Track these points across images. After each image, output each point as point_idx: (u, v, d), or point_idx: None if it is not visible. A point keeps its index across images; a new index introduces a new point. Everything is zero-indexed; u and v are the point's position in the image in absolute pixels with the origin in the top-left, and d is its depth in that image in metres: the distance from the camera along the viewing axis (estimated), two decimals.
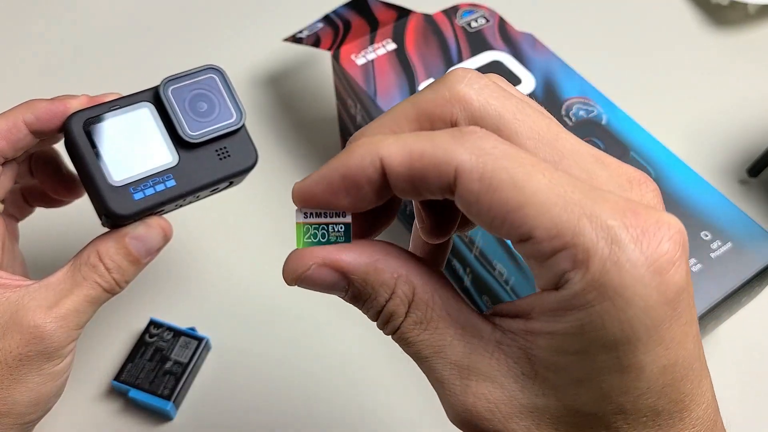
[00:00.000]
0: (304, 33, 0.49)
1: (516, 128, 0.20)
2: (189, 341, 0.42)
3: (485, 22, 0.47)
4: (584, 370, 0.19)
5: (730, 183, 0.51)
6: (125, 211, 0.30)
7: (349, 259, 0.21)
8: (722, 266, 0.36)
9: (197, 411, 0.40)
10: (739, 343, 0.43)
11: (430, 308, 0.21)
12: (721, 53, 0.60)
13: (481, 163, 0.19)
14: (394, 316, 0.21)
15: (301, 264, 0.21)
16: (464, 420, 0.21)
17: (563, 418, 0.20)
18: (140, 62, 0.59)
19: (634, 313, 0.18)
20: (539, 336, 0.20)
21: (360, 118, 0.46)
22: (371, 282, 0.21)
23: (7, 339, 0.29)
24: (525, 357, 0.20)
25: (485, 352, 0.20)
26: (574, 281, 0.18)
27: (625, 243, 0.18)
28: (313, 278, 0.21)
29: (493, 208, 0.19)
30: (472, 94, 0.21)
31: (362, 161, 0.20)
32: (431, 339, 0.21)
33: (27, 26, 0.62)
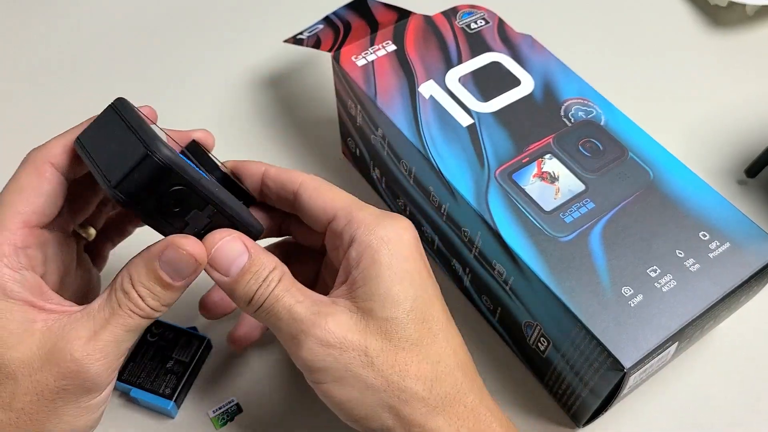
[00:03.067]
0: (304, 34, 0.49)
1: None
2: (190, 341, 0.42)
3: (485, 24, 0.48)
4: (382, 287, 0.30)
5: (729, 183, 0.51)
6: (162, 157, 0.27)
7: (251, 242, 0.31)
8: (720, 266, 0.36)
9: (198, 410, 0.41)
10: (737, 343, 0.43)
11: (292, 283, 0.31)
12: (719, 54, 0.60)
13: (314, 180, 0.34)
14: (272, 281, 0.30)
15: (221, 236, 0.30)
16: (320, 339, 0.29)
17: (378, 328, 0.30)
18: (140, 63, 0.59)
19: (394, 247, 0.31)
20: (355, 281, 0.31)
21: (360, 119, 0.46)
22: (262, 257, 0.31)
23: (44, 372, 0.28)
24: (350, 302, 0.31)
25: (326, 304, 0.31)
26: (360, 233, 0.31)
27: (382, 218, 0.32)
28: (227, 245, 0.30)
29: (318, 201, 0.33)
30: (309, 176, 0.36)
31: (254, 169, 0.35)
32: (295, 297, 0.30)
33: (27, 26, 0.62)
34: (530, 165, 0.40)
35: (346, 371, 0.30)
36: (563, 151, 0.41)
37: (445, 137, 0.41)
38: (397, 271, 0.30)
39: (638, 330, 0.34)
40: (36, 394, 0.28)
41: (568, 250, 0.37)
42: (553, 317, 0.36)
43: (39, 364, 0.28)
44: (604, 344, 0.34)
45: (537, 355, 0.40)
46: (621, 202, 0.38)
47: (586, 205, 0.38)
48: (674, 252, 0.37)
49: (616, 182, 0.39)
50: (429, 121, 0.42)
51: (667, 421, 0.41)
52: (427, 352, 0.30)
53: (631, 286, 0.35)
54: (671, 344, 0.35)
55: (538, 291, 0.36)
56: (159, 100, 0.57)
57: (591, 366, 0.35)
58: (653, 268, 0.36)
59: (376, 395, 0.30)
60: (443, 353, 0.31)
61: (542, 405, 0.41)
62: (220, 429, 0.40)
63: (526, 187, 0.39)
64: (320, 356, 0.30)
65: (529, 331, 0.39)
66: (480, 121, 0.42)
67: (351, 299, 0.31)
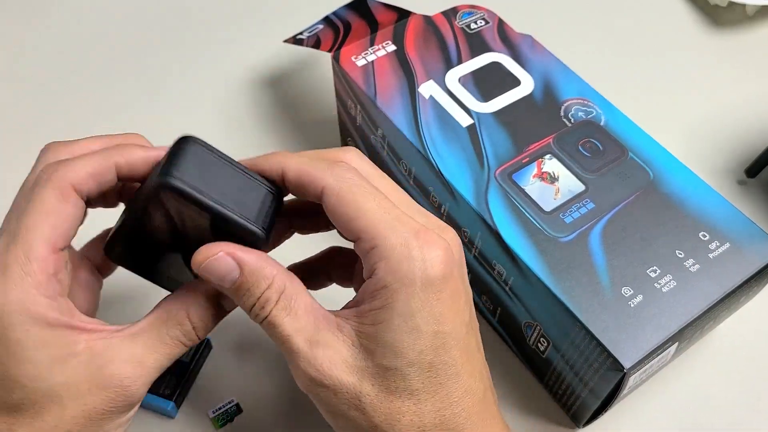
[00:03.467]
0: (304, 34, 0.49)
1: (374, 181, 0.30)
2: None
3: (484, 24, 0.48)
4: (387, 332, 0.28)
5: (729, 184, 0.51)
6: None
7: (245, 255, 0.29)
8: (720, 266, 0.36)
9: (198, 411, 0.41)
10: (737, 343, 0.43)
11: (294, 300, 0.29)
12: (719, 54, 0.60)
13: (336, 186, 0.29)
14: (268, 302, 0.29)
15: (211, 251, 0.28)
16: (312, 378, 0.28)
17: (376, 374, 0.28)
18: (140, 63, 0.59)
19: (412, 291, 0.28)
20: (365, 315, 0.28)
21: (360, 119, 0.46)
22: (257, 274, 0.29)
23: (93, 395, 0.28)
24: (354, 333, 0.29)
25: (329, 331, 0.29)
26: (380, 268, 0.28)
27: (413, 247, 0.28)
28: (217, 262, 0.28)
29: (341, 216, 0.29)
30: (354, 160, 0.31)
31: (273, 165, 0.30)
32: (293, 321, 0.29)
33: (27, 26, 0.62)
34: (530, 165, 0.40)
35: (337, 409, 0.29)
36: (563, 151, 0.41)
37: (445, 137, 0.41)
38: (409, 321, 0.28)
39: (638, 330, 0.34)
40: (84, 417, 0.29)
41: (568, 251, 0.37)
42: (552, 317, 0.36)
43: (87, 386, 0.28)
44: (603, 344, 0.34)
45: (537, 356, 0.40)
46: (621, 203, 0.38)
47: (586, 205, 0.38)
48: (674, 252, 0.37)
49: (616, 182, 0.39)
50: (429, 121, 0.42)
51: (667, 421, 0.41)
52: (427, 402, 0.28)
53: (631, 286, 0.35)
54: (671, 344, 0.35)
55: (538, 291, 0.36)
56: (159, 100, 0.57)
57: (591, 366, 0.35)
58: (653, 269, 0.36)
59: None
60: (447, 402, 0.29)
61: (542, 405, 0.41)
62: (219, 429, 0.40)
63: (525, 188, 0.39)
64: (314, 392, 0.29)
65: (528, 332, 0.39)
66: (480, 122, 0.42)
67: (357, 330, 0.29)
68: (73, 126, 0.55)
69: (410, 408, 0.28)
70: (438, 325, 0.28)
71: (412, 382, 0.28)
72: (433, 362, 0.28)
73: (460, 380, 0.29)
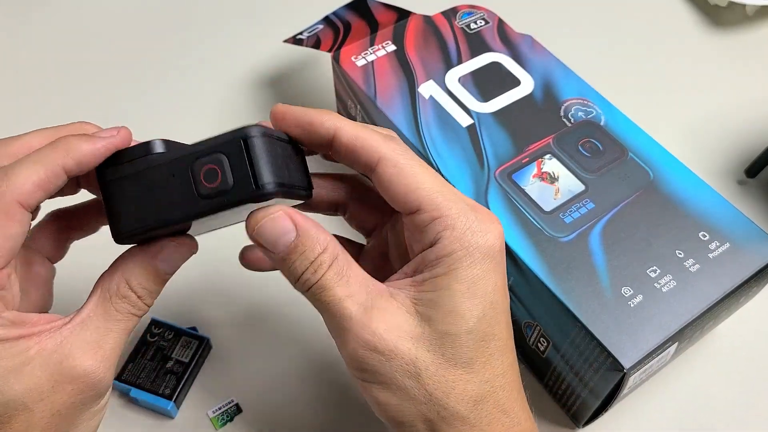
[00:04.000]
0: (304, 34, 0.49)
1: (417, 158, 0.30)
2: (190, 341, 0.42)
3: (484, 24, 0.48)
4: (449, 298, 0.28)
5: (728, 184, 0.51)
6: None
7: (301, 218, 0.29)
8: (720, 266, 0.36)
9: (198, 410, 0.41)
10: (737, 343, 0.43)
11: (346, 267, 0.29)
12: (719, 54, 0.60)
13: (395, 157, 0.29)
14: (321, 266, 0.29)
15: (270, 211, 0.28)
16: (367, 342, 0.28)
17: (433, 340, 0.28)
18: (140, 63, 0.59)
19: (476, 259, 0.28)
20: (424, 283, 0.29)
21: (360, 119, 0.46)
22: (312, 237, 0.29)
23: (58, 392, 0.28)
24: (409, 300, 0.29)
25: (382, 298, 0.29)
26: (445, 237, 0.28)
27: (473, 219, 0.29)
28: (275, 222, 0.28)
29: (400, 186, 0.29)
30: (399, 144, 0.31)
31: (326, 122, 0.30)
32: (345, 287, 0.29)
33: (27, 25, 0.62)
34: (530, 165, 0.40)
35: (391, 378, 0.28)
36: (563, 151, 0.41)
37: (445, 137, 0.41)
38: (471, 287, 0.28)
39: (638, 330, 0.34)
40: (53, 415, 0.28)
41: (568, 251, 0.37)
42: (552, 317, 0.36)
43: (49, 386, 0.28)
44: (603, 345, 0.34)
45: (537, 356, 0.40)
46: (621, 203, 0.38)
47: (586, 205, 0.38)
48: (674, 252, 0.37)
49: (616, 182, 0.39)
50: (429, 122, 0.42)
51: (667, 421, 0.41)
52: (478, 372, 0.29)
53: (630, 286, 0.35)
54: (671, 344, 0.35)
55: (538, 291, 0.36)
56: (159, 100, 0.57)
57: (591, 366, 0.35)
58: (653, 269, 0.36)
59: (417, 407, 0.28)
60: (494, 373, 0.29)
61: (542, 405, 0.41)
62: (219, 429, 0.40)
63: (525, 188, 0.39)
64: (366, 359, 0.28)
65: (528, 332, 0.39)
66: (480, 122, 0.42)
67: (413, 298, 0.29)
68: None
69: (463, 377, 0.28)
70: (495, 294, 0.29)
71: (467, 350, 0.28)
72: (487, 333, 0.29)
73: (506, 353, 0.30)
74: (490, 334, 0.29)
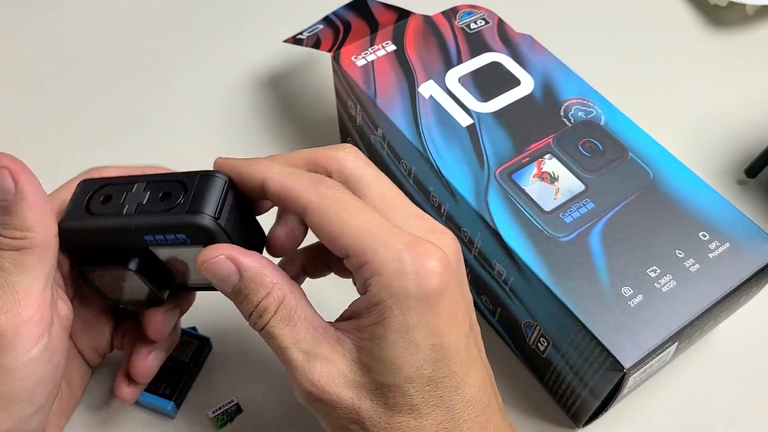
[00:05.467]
0: (304, 34, 0.49)
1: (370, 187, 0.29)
2: (190, 341, 0.42)
3: (484, 24, 0.48)
4: (383, 349, 0.27)
5: (728, 183, 0.51)
6: None
7: (246, 260, 0.28)
8: (720, 266, 0.36)
9: (198, 410, 0.41)
10: (737, 343, 0.43)
11: (293, 311, 0.28)
12: (719, 54, 0.60)
13: (321, 203, 0.28)
14: (266, 312, 0.28)
15: (213, 253, 0.28)
16: (309, 393, 0.28)
17: (374, 389, 0.28)
18: (140, 63, 0.59)
19: (407, 306, 0.27)
20: (362, 330, 0.28)
21: (360, 119, 0.46)
22: (256, 280, 0.28)
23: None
24: (354, 348, 0.28)
25: (327, 344, 0.28)
26: (372, 285, 0.27)
27: (405, 260, 0.27)
28: (217, 265, 0.28)
29: (325, 234, 0.28)
30: (349, 159, 0.30)
31: (255, 174, 0.29)
32: (291, 333, 0.28)
33: (27, 25, 0.62)
34: (530, 165, 0.40)
35: (337, 423, 0.29)
36: (563, 151, 0.41)
37: (445, 137, 0.41)
38: (406, 336, 0.27)
39: (638, 330, 0.34)
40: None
41: (568, 251, 0.37)
42: (552, 317, 0.36)
43: None
44: (603, 344, 0.34)
45: (537, 355, 0.40)
46: (621, 202, 0.38)
47: (586, 205, 0.38)
48: (674, 252, 0.37)
49: (616, 182, 0.39)
50: (429, 121, 0.42)
51: (667, 421, 0.41)
52: (429, 415, 0.28)
53: (630, 286, 0.35)
54: (671, 344, 0.35)
55: (538, 291, 0.36)
56: (158, 100, 0.57)
57: (591, 366, 0.35)
58: (653, 269, 0.36)
59: None
60: (450, 412, 0.28)
61: (542, 405, 0.41)
62: (220, 429, 0.40)
63: (525, 187, 0.39)
64: (312, 406, 0.29)
65: (528, 331, 0.39)
66: (480, 121, 0.42)
67: (356, 345, 0.28)
68: (73, 126, 0.55)
69: (411, 423, 0.28)
70: (436, 338, 0.27)
71: (411, 397, 0.28)
72: (432, 376, 0.28)
73: (461, 392, 0.28)
74: (438, 377, 0.28)
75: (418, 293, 0.27)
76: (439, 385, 0.28)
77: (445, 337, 0.28)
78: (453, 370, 0.28)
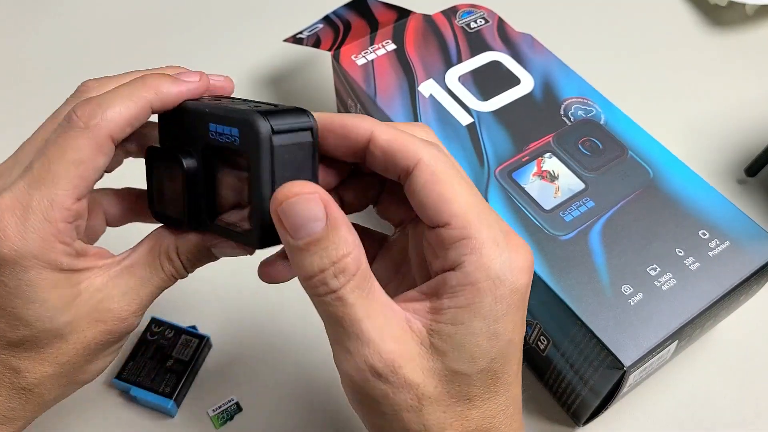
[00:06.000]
0: (304, 34, 0.50)
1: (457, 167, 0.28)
2: (190, 339, 0.42)
3: (484, 23, 0.48)
4: (465, 335, 0.26)
5: (728, 182, 0.51)
6: None
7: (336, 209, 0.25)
8: (720, 265, 0.36)
9: (198, 409, 0.41)
10: (737, 342, 0.43)
11: (369, 282, 0.26)
12: (719, 53, 0.60)
13: (434, 163, 0.26)
14: (344, 272, 0.25)
15: (306, 188, 0.25)
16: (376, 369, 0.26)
17: (444, 375, 0.26)
18: (140, 63, 0.59)
19: (501, 294, 0.26)
20: (441, 313, 0.26)
21: None
22: (341, 234, 0.25)
23: (92, 328, 0.30)
24: (425, 331, 0.26)
25: (397, 323, 0.26)
26: (470, 262, 0.25)
27: (503, 247, 0.26)
28: (306, 203, 0.25)
29: (433, 195, 0.26)
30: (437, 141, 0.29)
31: (362, 124, 0.27)
32: (365, 303, 0.26)
33: (27, 24, 0.62)
34: (530, 164, 0.40)
35: (391, 408, 0.26)
36: (563, 149, 0.41)
37: (445, 136, 0.41)
38: (492, 326, 0.26)
39: (638, 328, 0.34)
40: (83, 348, 0.30)
41: (568, 249, 0.37)
42: (552, 316, 0.36)
43: (87, 322, 0.30)
44: (603, 343, 0.34)
45: (537, 354, 0.40)
46: (621, 201, 0.38)
47: (586, 203, 0.38)
48: (674, 251, 0.37)
49: (616, 181, 0.39)
50: (429, 120, 0.42)
51: (667, 419, 0.41)
52: (480, 407, 0.27)
53: (630, 284, 0.35)
54: (671, 343, 0.35)
55: (538, 290, 0.36)
56: None
57: (591, 364, 0.35)
58: (653, 267, 0.36)
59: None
60: (497, 409, 0.28)
61: (542, 404, 0.41)
62: (219, 428, 0.40)
63: (525, 186, 0.39)
64: (369, 384, 0.26)
65: (528, 330, 0.39)
66: (480, 120, 0.42)
67: (429, 329, 0.26)
68: None
69: (462, 413, 0.27)
70: (513, 333, 0.27)
71: (473, 387, 0.27)
72: (498, 371, 0.27)
73: (511, 390, 0.28)
74: (501, 372, 0.27)
75: (512, 283, 0.26)
76: (498, 381, 0.27)
77: (518, 333, 0.27)
78: (512, 368, 0.28)
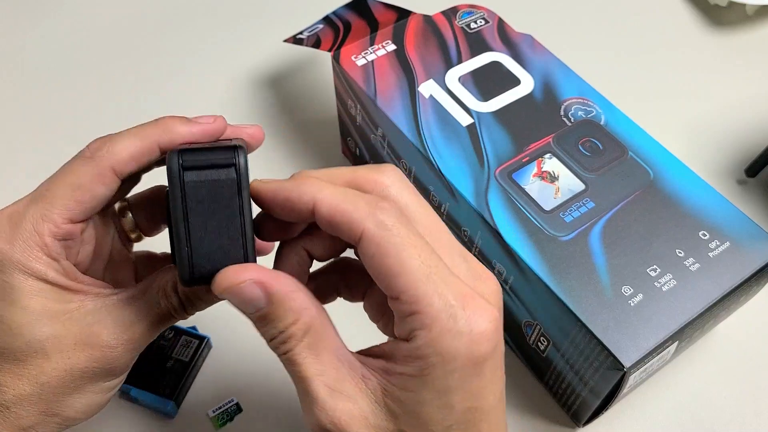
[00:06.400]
0: (304, 34, 0.49)
1: (416, 218, 0.27)
2: (190, 340, 0.42)
3: (484, 23, 0.48)
4: (415, 404, 0.26)
5: (729, 183, 0.51)
6: None
7: (275, 284, 0.26)
8: (720, 265, 0.36)
9: (198, 410, 0.41)
10: (737, 342, 0.43)
11: (320, 340, 0.26)
12: (719, 54, 0.60)
13: (380, 234, 0.25)
14: (292, 338, 0.26)
15: (238, 277, 0.26)
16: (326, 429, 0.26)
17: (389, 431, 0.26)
18: (140, 63, 0.59)
19: (452, 368, 0.25)
20: (393, 375, 0.26)
21: (360, 118, 0.46)
22: (285, 305, 0.26)
23: (77, 351, 0.29)
24: (380, 389, 0.26)
25: (351, 380, 0.26)
26: (419, 338, 0.25)
27: (458, 317, 0.25)
28: (243, 292, 0.26)
29: (381, 268, 0.25)
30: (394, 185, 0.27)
31: (304, 196, 0.26)
32: (315, 362, 0.26)
33: (27, 24, 0.62)
34: (530, 164, 0.40)
35: None
36: (563, 150, 0.41)
37: (445, 137, 0.41)
38: (443, 397, 0.25)
39: (638, 329, 0.34)
40: (64, 371, 0.29)
41: (568, 250, 0.37)
42: (552, 317, 0.36)
43: (72, 342, 0.29)
44: (604, 343, 0.34)
45: (537, 355, 0.40)
46: (621, 202, 0.38)
47: (586, 204, 0.38)
48: (674, 251, 0.37)
49: (616, 182, 0.39)
50: (429, 121, 0.42)
51: (667, 420, 0.41)
52: None
53: (631, 285, 0.35)
54: (671, 344, 0.35)
55: (538, 290, 0.36)
56: (158, 100, 0.57)
57: (591, 365, 0.35)
58: (653, 268, 0.36)
59: None
60: None
61: (542, 404, 0.41)
62: (219, 429, 0.40)
63: (525, 187, 0.39)
64: None
65: (528, 331, 0.39)
66: (480, 121, 0.42)
67: (381, 387, 0.26)
68: (73, 126, 0.55)
69: None
70: (473, 401, 0.26)
71: None
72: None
73: None
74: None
75: (467, 356, 0.25)
76: None
77: (482, 399, 0.26)
78: (480, 430, 0.27)
